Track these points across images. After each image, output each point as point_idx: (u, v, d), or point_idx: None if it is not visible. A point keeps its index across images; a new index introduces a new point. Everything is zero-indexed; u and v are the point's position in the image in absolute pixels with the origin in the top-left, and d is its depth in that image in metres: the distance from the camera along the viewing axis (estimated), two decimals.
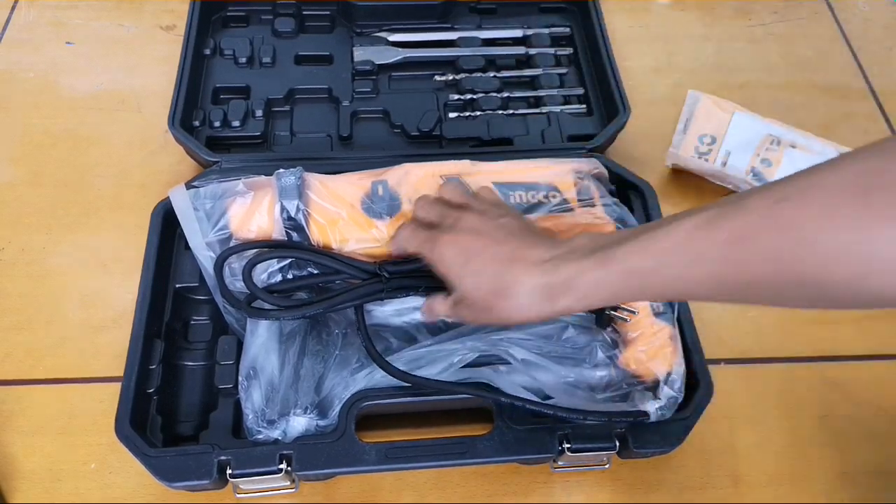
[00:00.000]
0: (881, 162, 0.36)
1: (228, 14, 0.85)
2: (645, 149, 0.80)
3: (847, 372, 0.67)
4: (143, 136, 0.78)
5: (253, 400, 0.56)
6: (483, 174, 0.67)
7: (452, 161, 0.68)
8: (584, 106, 0.80)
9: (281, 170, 0.64)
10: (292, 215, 0.62)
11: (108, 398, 0.62)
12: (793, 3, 0.96)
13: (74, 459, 0.60)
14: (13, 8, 0.89)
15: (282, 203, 0.62)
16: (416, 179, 0.65)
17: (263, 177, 0.64)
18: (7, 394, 0.62)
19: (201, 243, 0.62)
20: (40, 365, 0.64)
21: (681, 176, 0.78)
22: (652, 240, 0.45)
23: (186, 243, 0.65)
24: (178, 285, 0.64)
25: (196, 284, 0.64)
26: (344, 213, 0.63)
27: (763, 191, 0.41)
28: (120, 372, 0.58)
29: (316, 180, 0.65)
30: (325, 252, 0.61)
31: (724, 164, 0.76)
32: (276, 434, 0.56)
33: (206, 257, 0.62)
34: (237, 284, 0.61)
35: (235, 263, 0.61)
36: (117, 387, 0.57)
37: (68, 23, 0.88)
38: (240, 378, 0.57)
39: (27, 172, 0.76)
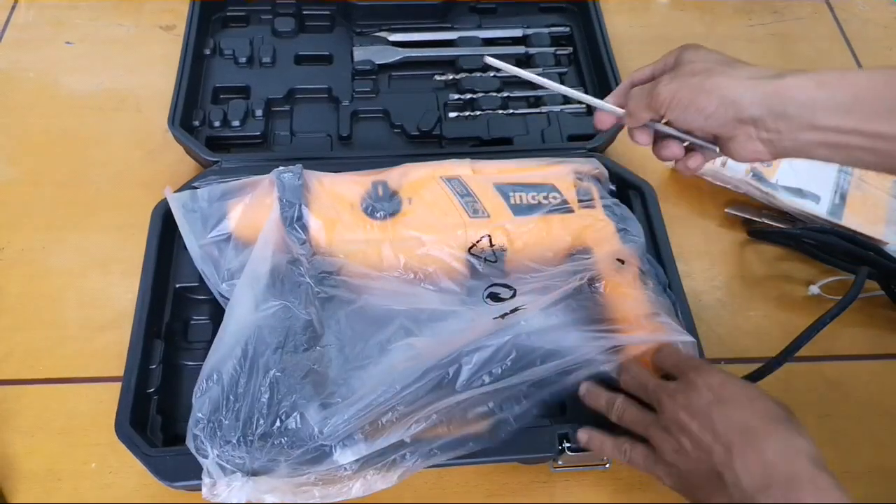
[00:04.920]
0: None
1: (228, 14, 0.85)
2: (644, 149, 0.79)
3: (847, 372, 0.67)
4: (143, 135, 0.78)
5: (204, 407, 0.53)
6: (483, 174, 0.67)
7: (452, 161, 0.68)
8: (583, 105, 0.80)
9: (280, 168, 0.64)
10: (292, 214, 0.62)
11: (108, 398, 0.61)
12: (793, 3, 0.96)
13: (74, 459, 0.60)
14: (13, 8, 0.89)
15: (281, 202, 0.62)
16: (415, 179, 0.65)
17: (262, 176, 0.64)
18: (7, 394, 0.62)
19: (198, 245, 0.62)
20: (40, 365, 0.64)
21: (680, 177, 0.78)
22: None
23: None
24: (177, 285, 0.64)
25: (196, 284, 0.64)
26: (343, 213, 0.63)
27: None
28: (120, 372, 0.58)
29: (315, 178, 0.65)
30: None
31: (724, 164, 0.76)
32: (212, 454, 0.52)
33: (202, 258, 0.61)
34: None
35: (230, 265, 0.61)
36: (117, 387, 0.57)
37: (68, 23, 0.88)
38: (199, 378, 0.54)
39: (27, 172, 0.76)
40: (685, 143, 0.55)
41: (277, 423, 0.53)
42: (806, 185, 0.75)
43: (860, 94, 0.45)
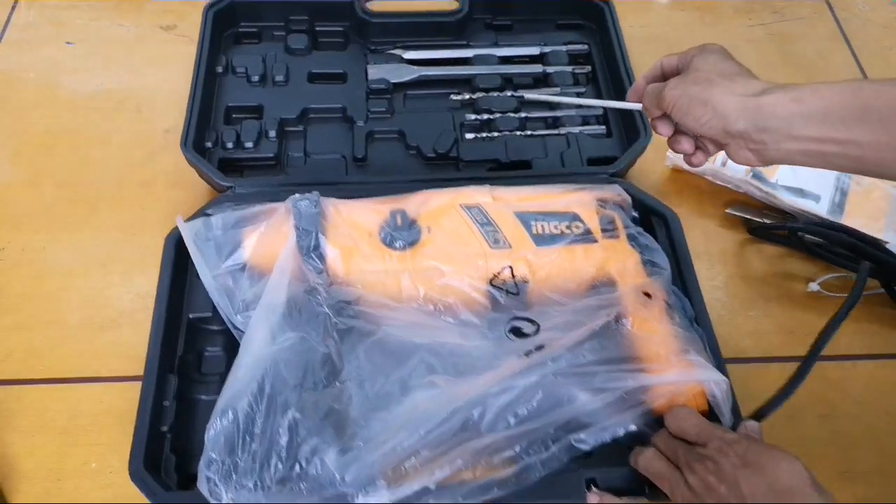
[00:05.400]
0: None
1: (240, 30, 0.84)
2: (659, 169, 0.79)
3: (847, 372, 0.67)
4: (143, 136, 0.78)
5: (219, 444, 0.51)
6: (504, 202, 0.65)
7: (472, 187, 0.66)
8: (603, 127, 0.78)
9: (296, 195, 0.62)
10: (309, 243, 0.60)
11: (108, 398, 0.62)
12: (793, 3, 0.97)
13: (74, 459, 0.59)
14: (13, 8, 0.89)
15: (298, 230, 0.60)
16: (435, 207, 0.64)
17: (278, 204, 0.63)
18: (7, 394, 0.62)
19: (212, 276, 0.60)
20: (40, 365, 0.64)
21: (680, 176, 0.78)
22: (886, 79, 0.50)
23: None
24: (191, 315, 0.62)
25: (209, 314, 0.62)
26: (361, 242, 0.61)
27: None
28: (121, 372, 0.58)
29: (332, 206, 0.63)
30: None
31: (724, 164, 0.76)
32: (226, 498, 0.50)
33: (217, 289, 0.59)
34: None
35: (245, 296, 0.59)
36: (117, 386, 0.57)
37: (68, 23, 0.88)
38: (212, 415, 0.52)
39: (27, 172, 0.76)
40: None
41: (297, 468, 0.51)
42: (806, 184, 0.75)
43: (830, 106, 0.48)
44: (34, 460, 0.59)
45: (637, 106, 0.59)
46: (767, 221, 0.74)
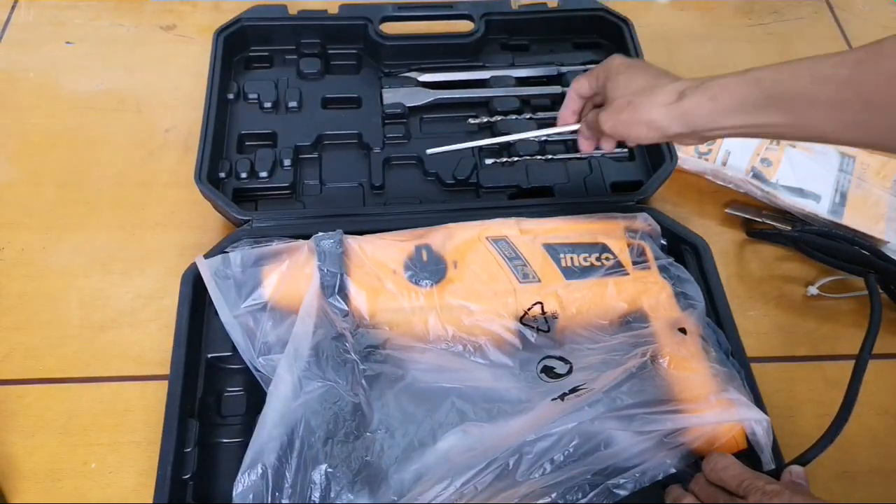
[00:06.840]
0: None
1: (251, 55, 0.81)
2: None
3: (847, 372, 0.67)
4: (143, 136, 0.78)
5: (247, 500, 0.50)
6: (531, 234, 0.63)
7: (498, 220, 0.64)
8: (625, 150, 0.76)
9: (320, 234, 0.61)
10: (333, 284, 0.59)
11: (108, 398, 0.62)
12: (793, 3, 0.96)
13: (74, 459, 0.59)
14: (13, 8, 0.89)
15: (322, 272, 0.59)
16: (461, 242, 0.62)
17: (299, 242, 0.62)
18: (7, 394, 0.62)
19: (232, 315, 0.58)
20: (40, 365, 0.64)
21: (680, 176, 0.78)
22: (783, 63, 0.54)
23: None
24: (209, 355, 0.60)
25: (229, 354, 0.60)
26: (387, 281, 0.60)
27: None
28: (120, 371, 0.58)
29: (356, 245, 0.61)
30: None
31: (725, 163, 0.76)
32: None
33: (238, 329, 0.58)
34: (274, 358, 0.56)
35: (266, 338, 0.58)
36: (116, 386, 0.57)
37: (68, 23, 0.88)
38: (241, 469, 0.51)
39: (27, 172, 0.76)
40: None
41: None
42: (806, 184, 0.75)
43: (741, 100, 0.54)
44: (34, 460, 0.59)
45: (574, 127, 0.64)
46: (767, 221, 0.74)
